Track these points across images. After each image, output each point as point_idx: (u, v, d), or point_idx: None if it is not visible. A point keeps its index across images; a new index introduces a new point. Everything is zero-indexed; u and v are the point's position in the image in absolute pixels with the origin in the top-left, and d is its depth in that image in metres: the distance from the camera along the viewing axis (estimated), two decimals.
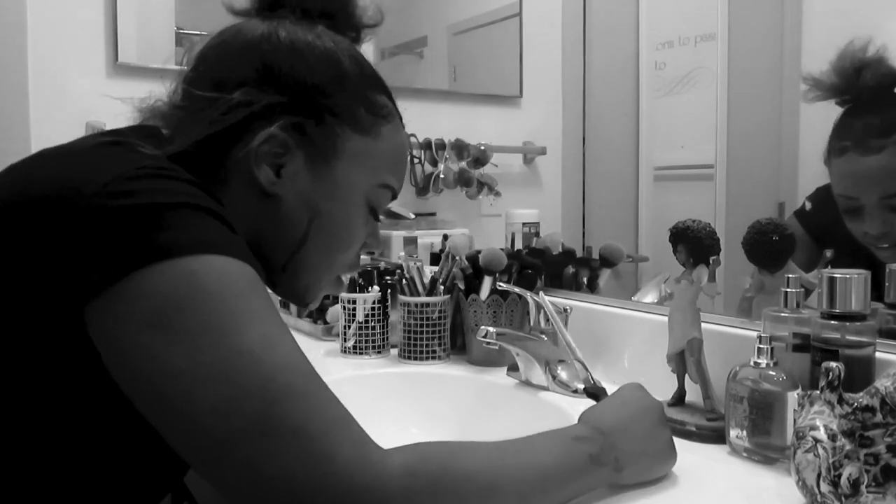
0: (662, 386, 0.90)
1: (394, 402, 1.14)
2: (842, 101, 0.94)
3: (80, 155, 0.59)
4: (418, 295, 1.26)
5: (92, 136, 0.63)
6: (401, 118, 0.75)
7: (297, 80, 0.67)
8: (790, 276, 0.84)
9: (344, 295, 1.30)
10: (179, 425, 0.51)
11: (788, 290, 0.83)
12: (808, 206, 1.04)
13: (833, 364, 0.65)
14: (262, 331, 0.53)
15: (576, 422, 0.73)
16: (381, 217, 0.77)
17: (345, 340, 1.30)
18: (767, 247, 0.93)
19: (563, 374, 1.07)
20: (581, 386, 1.06)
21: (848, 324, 0.76)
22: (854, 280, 0.75)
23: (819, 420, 0.63)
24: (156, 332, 0.51)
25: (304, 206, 0.68)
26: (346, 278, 1.28)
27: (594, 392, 0.95)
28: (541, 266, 1.29)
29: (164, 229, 0.52)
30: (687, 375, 0.91)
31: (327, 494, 0.50)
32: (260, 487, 0.50)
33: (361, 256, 0.77)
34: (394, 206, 1.46)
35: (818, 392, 0.66)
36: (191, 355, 0.50)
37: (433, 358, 1.25)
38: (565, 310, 1.14)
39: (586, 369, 1.02)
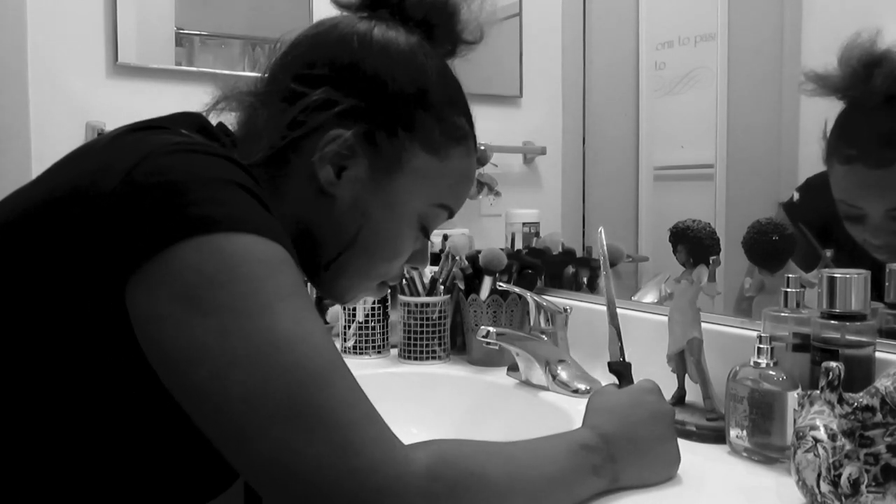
0: (662, 386, 0.90)
1: (394, 402, 1.14)
2: (844, 96, 0.89)
3: (113, 141, 0.59)
4: (418, 295, 1.26)
5: (128, 125, 0.63)
6: (475, 141, 0.74)
7: (379, 87, 0.67)
8: (790, 276, 0.84)
9: None
10: (207, 406, 0.51)
11: (788, 290, 0.83)
12: (796, 196, 1.02)
13: (833, 364, 0.65)
14: (293, 315, 0.53)
15: (578, 418, 0.73)
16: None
17: (345, 340, 1.30)
18: (767, 247, 0.92)
19: (563, 374, 1.07)
20: (582, 386, 1.06)
21: (848, 324, 0.76)
22: (854, 280, 0.75)
23: (819, 420, 0.63)
24: (184, 307, 0.51)
25: (356, 211, 0.68)
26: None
27: (619, 369, 0.88)
28: (541, 266, 1.29)
29: (197, 204, 0.52)
30: (687, 375, 0.91)
31: (349, 488, 0.50)
32: (284, 475, 0.50)
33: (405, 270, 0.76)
34: None
35: (818, 392, 0.66)
36: (221, 335, 0.50)
37: (433, 358, 1.25)
38: (565, 310, 1.14)
39: (619, 334, 0.90)
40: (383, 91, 0.67)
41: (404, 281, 1.26)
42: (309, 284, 0.72)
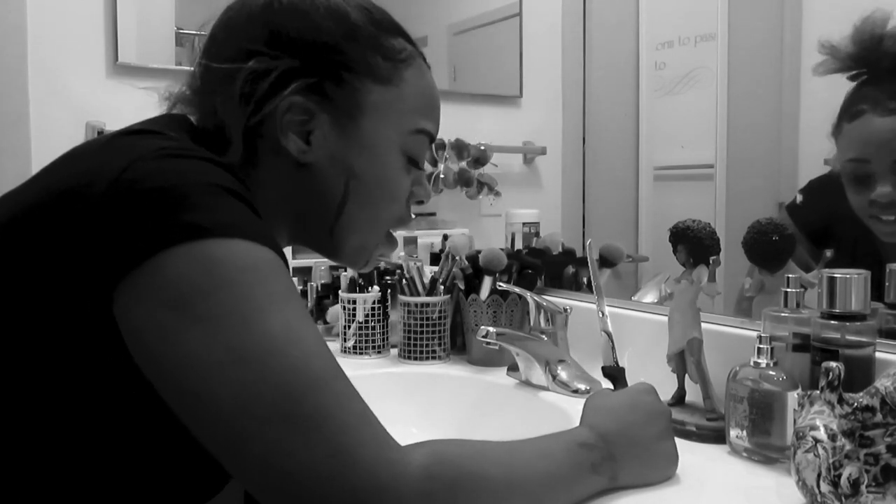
0: (662, 386, 0.90)
1: (394, 402, 1.14)
2: (855, 74, 0.92)
3: (102, 146, 0.59)
4: (418, 295, 1.26)
5: (118, 130, 0.62)
6: (424, 58, 0.73)
7: (306, 42, 0.66)
8: (790, 276, 0.84)
9: (344, 295, 1.31)
10: (200, 412, 0.51)
11: (788, 290, 0.83)
12: (800, 198, 1.03)
13: (833, 364, 0.65)
14: (286, 319, 0.52)
15: (578, 418, 0.73)
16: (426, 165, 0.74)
17: (345, 340, 1.30)
18: (767, 247, 0.92)
19: (563, 374, 1.07)
20: (582, 386, 1.06)
21: (848, 324, 0.76)
22: (854, 280, 0.75)
23: (819, 420, 0.63)
24: (175, 314, 0.50)
25: (338, 168, 0.68)
26: (399, 234, 1.24)
27: (613, 374, 0.90)
28: (541, 266, 1.29)
29: (187, 211, 0.52)
30: (687, 375, 0.91)
31: (345, 490, 0.50)
32: (278, 479, 0.50)
33: (412, 209, 0.76)
34: None
35: (818, 392, 0.66)
36: (212, 341, 0.50)
37: (433, 358, 1.25)
38: (565, 310, 1.14)
39: (611, 340, 0.93)
40: (311, 45, 0.66)
41: (404, 281, 1.26)
42: (306, 285, 0.72)
